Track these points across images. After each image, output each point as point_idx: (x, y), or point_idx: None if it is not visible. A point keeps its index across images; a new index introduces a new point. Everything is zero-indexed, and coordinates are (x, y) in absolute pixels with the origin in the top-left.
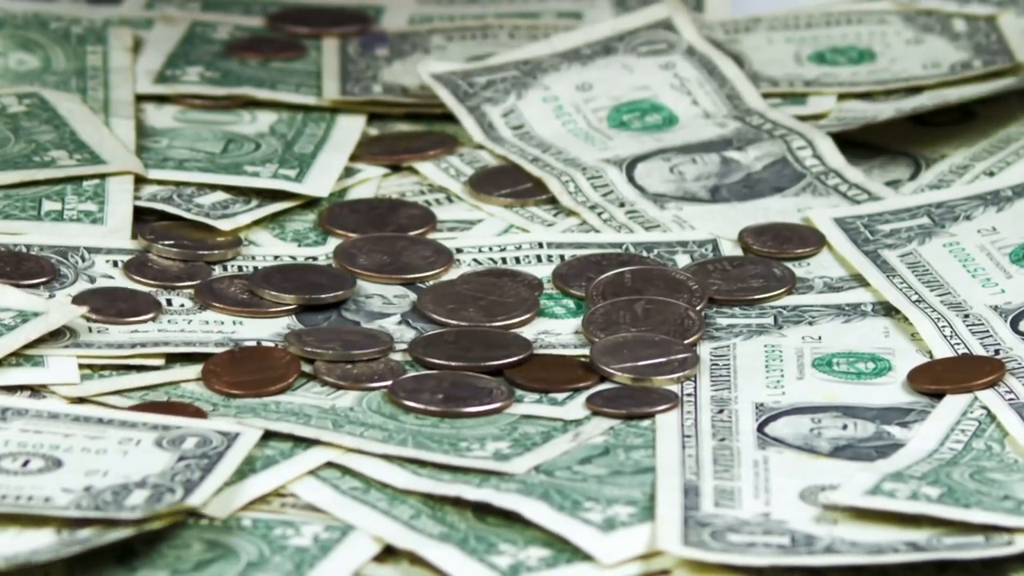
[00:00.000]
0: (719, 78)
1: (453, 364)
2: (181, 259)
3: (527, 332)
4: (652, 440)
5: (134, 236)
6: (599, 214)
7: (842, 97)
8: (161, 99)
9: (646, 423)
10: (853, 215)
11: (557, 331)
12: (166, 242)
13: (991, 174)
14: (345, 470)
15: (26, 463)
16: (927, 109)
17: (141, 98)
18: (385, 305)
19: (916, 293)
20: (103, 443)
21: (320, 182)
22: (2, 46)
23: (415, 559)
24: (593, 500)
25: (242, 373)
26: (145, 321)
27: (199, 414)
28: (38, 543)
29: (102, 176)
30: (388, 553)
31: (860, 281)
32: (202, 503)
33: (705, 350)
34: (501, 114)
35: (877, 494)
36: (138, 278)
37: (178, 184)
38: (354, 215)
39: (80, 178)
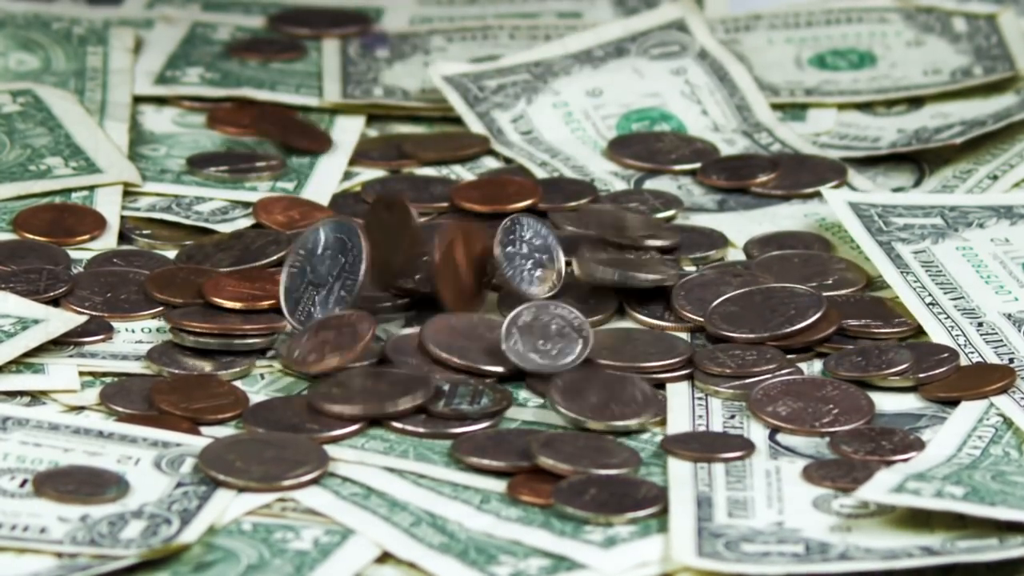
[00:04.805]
0: (730, 86)
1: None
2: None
3: None
4: (652, 453)
5: (121, 242)
6: None
7: (842, 107)
8: (160, 101)
9: (647, 435)
10: (868, 202)
11: None
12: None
13: (995, 178)
14: (345, 476)
15: (24, 483)
16: (929, 148)
17: (141, 100)
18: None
19: (930, 295)
20: (102, 460)
21: (318, 195)
22: (2, 46)
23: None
24: (594, 524)
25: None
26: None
27: (193, 430)
28: (39, 566)
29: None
30: (388, 554)
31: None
32: (197, 538)
33: None
34: (510, 120)
35: (902, 492)
36: None
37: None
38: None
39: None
